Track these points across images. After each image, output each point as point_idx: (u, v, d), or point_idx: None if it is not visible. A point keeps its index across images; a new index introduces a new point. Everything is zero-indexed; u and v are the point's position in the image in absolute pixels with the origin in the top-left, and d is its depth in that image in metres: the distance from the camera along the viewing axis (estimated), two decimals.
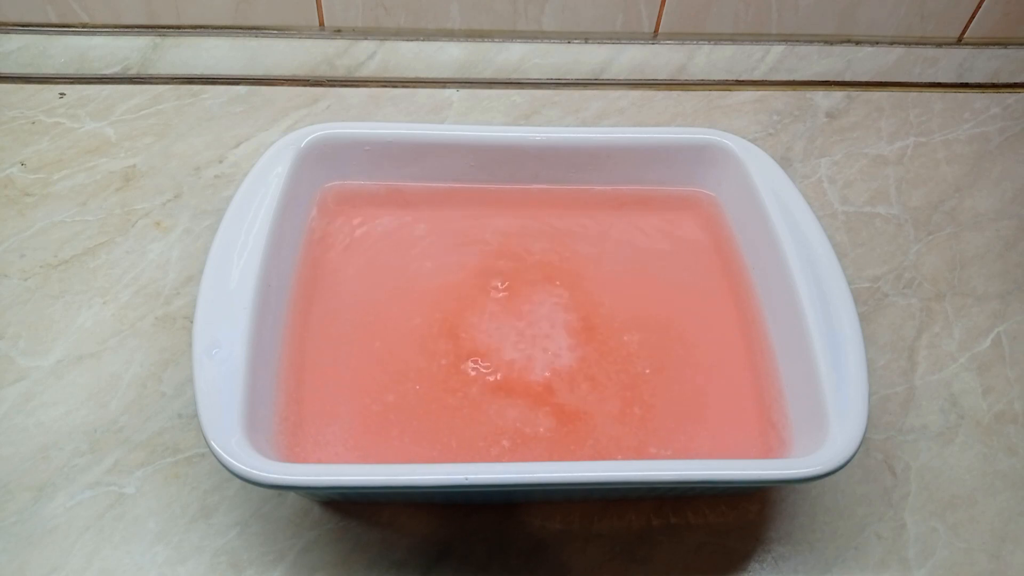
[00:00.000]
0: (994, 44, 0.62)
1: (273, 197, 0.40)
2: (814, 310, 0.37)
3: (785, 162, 0.54)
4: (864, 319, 0.46)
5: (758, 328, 0.40)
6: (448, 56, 0.58)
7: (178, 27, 0.57)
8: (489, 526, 0.38)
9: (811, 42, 0.61)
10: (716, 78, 0.60)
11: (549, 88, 0.58)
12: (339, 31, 0.58)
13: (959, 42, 0.62)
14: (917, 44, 0.61)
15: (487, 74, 0.58)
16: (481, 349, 0.39)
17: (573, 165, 0.45)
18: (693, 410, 0.38)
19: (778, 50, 0.60)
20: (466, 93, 0.58)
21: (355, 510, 0.38)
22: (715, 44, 0.60)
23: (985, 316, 0.47)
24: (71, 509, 0.37)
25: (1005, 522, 0.40)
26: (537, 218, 0.45)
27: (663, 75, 0.59)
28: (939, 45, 0.61)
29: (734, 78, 0.60)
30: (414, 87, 0.58)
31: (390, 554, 0.37)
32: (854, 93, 0.60)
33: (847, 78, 0.60)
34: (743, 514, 0.39)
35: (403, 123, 0.55)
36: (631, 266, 0.44)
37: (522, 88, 0.58)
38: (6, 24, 0.56)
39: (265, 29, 0.58)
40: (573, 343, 0.40)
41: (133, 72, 0.56)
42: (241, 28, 0.57)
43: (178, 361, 0.42)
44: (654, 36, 0.60)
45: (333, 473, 0.31)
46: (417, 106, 0.57)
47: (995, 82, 0.61)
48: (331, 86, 0.57)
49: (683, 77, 0.60)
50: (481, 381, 0.38)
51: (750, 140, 0.44)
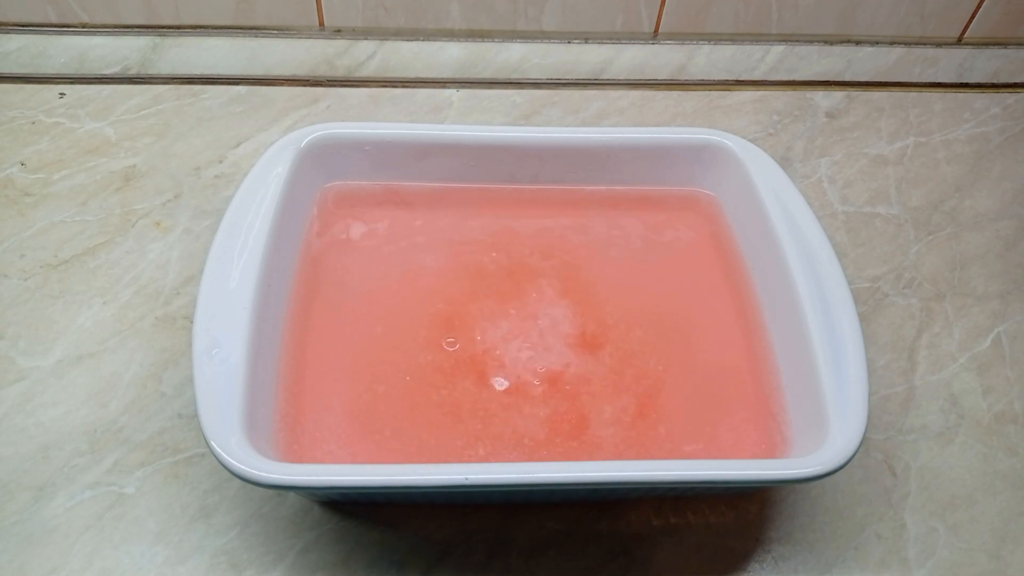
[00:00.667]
0: (994, 44, 0.62)
1: (273, 197, 0.40)
2: (814, 310, 0.37)
3: (785, 162, 0.54)
4: (864, 319, 0.46)
5: (758, 328, 0.40)
6: (448, 56, 0.58)
7: (178, 27, 0.57)
8: (489, 526, 0.38)
9: (811, 42, 0.61)
10: (716, 78, 0.60)
11: (549, 88, 0.58)
12: (339, 31, 0.58)
13: (959, 42, 0.62)
14: (917, 44, 0.61)
15: (487, 74, 0.58)
16: (482, 349, 0.39)
17: (573, 165, 0.45)
18: (693, 410, 0.38)
19: (778, 50, 0.60)
20: (466, 93, 0.58)
21: (355, 510, 0.38)
22: (715, 44, 0.60)
23: (985, 316, 0.47)
24: (71, 509, 0.37)
25: (1005, 522, 0.40)
26: (537, 218, 0.45)
27: (663, 75, 0.59)
28: (939, 45, 0.61)
29: (734, 78, 0.60)
30: (414, 87, 0.58)
31: (390, 554, 0.37)
32: (854, 93, 0.60)
33: (847, 78, 0.60)
34: (743, 514, 0.39)
35: (403, 123, 0.55)
36: (631, 266, 0.44)
37: (522, 88, 0.58)
38: (6, 24, 0.56)
39: (265, 29, 0.58)
40: (572, 343, 0.40)
41: (133, 72, 0.56)
42: (241, 28, 0.57)
43: (178, 361, 0.42)
44: (654, 36, 0.60)
45: (333, 473, 0.31)
46: (417, 106, 0.57)
47: (995, 82, 0.61)
48: (331, 86, 0.57)
49: (683, 77, 0.60)
50: (482, 381, 0.38)
51: (750, 140, 0.44)
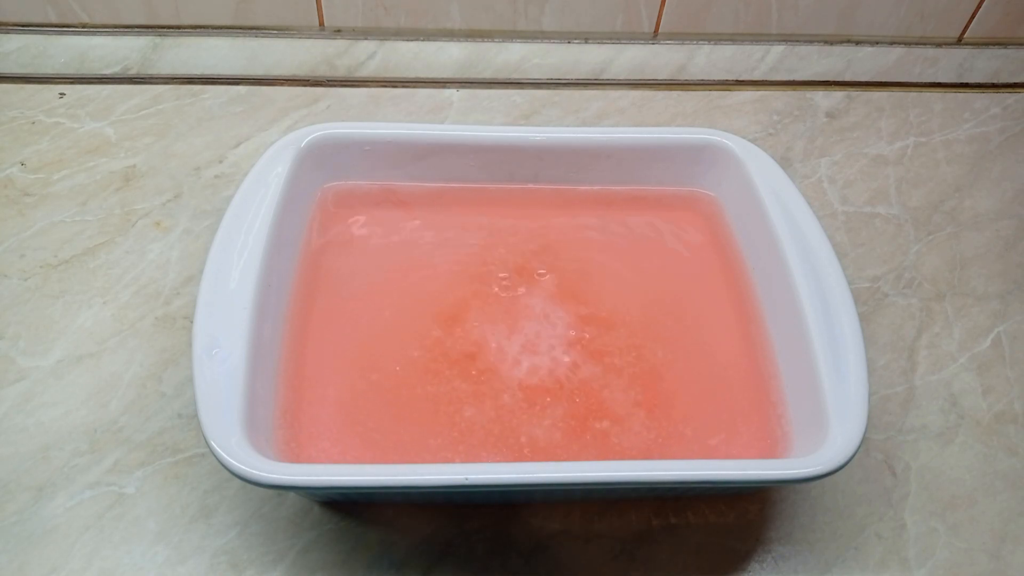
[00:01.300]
0: (994, 44, 0.62)
1: (273, 197, 0.40)
2: (814, 310, 0.37)
3: (785, 162, 0.54)
4: (864, 319, 0.46)
5: (758, 328, 0.40)
6: (448, 56, 0.58)
7: (178, 27, 0.57)
8: (489, 526, 0.38)
9: (811, 42, 0.61)
10: (716, 78, 0.60)
11: (549, 88, 0.58)
12: (339, 31, 0.58)
13: (959, 42, 0.62)
14: (917, 44, 0.61)
15: (487, 74, 0.58)
16: (483, 349, 0.39)
17: (573, 165, 0.45)
18: (693, 410, 0.38)
19: (778, 50, 0.60)
20: (466, 93, 0.58)
21: (355, 510, 0.38)
22: (715, 44, 0.60)
23: (985, 316, 0.47)
24: (71, 509, 0.37)
25: (1005, 522, 0.40)
26: (537, 218, 0.45)
27: (663, 75, 0.59)
28: (939, 45, 0.61)
29: (734, 78, 0.60)
30: (414, 87, 0.58)
31: (390, 554, 0.37)
32: (854, 93, 0.60)
33: (847, 78, 0.60)
34: (743, 514, 0.39)
35: (403, 123, 0.55)
36: (630, 265, 0.44)
37: (522, 88, 0.58)
38: (6, 24, 0.56)
39: (265, 29, 0.58)
40: (571, 343, 0.40)
41: (133, 72, 0.56)
42: (241, 28, 0.57)
43: (178, 361, 0.42)
44: (654, 36, 0.60)
45: (333, 473, 0.31)
46: (417, 106, 0.57)
47: (995, 82, 0.61)
48: (331, 86, 0.57)
49: (683, 77, 0.60)
50: (483, 381, 0.38)
51: (750, 140, 0.44)
